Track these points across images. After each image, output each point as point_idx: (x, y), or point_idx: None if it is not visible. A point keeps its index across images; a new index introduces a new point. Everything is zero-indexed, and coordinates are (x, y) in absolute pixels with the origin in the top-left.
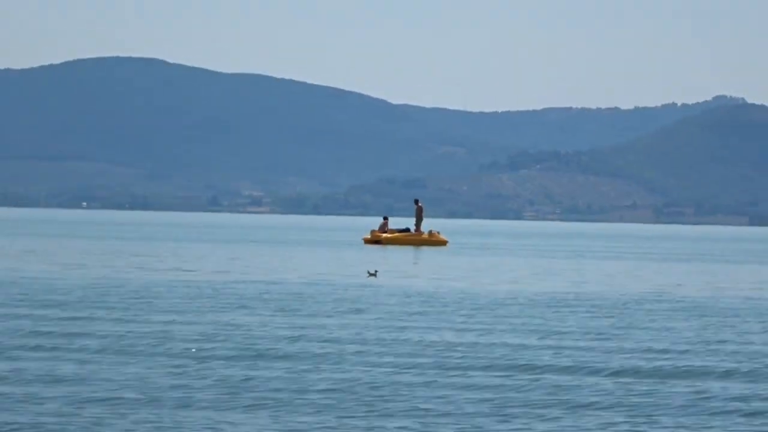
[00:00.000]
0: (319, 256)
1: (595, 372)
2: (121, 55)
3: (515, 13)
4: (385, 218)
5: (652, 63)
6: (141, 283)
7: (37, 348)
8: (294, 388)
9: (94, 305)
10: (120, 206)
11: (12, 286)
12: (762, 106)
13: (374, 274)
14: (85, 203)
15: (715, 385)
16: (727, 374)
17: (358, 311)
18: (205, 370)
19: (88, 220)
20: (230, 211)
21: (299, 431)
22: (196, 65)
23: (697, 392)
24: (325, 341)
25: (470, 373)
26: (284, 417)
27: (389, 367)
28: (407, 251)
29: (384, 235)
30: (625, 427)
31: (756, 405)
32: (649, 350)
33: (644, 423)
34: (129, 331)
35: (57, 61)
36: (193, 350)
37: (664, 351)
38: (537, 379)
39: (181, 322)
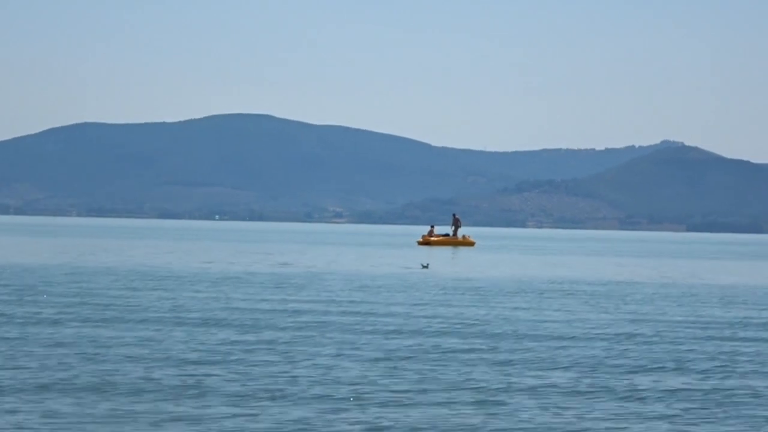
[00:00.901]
0: (389, 254)
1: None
2: (243, 112)
3: (517, 78)
4: (432, 227)
5: (617, 114)
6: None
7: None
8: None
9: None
10: (242, 219)
11: (196, 275)
12: (695, 148)
13: (426, 267)
14: (217, 216)
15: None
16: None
17: (416, 290)
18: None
19: (220, 228)
20: (319, 222)
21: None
22: (295, 119)
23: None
24: (393, 305)
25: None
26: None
27: (438, 324)
28: (448, 250)
29: (432, 238)
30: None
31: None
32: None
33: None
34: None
35: (198, 116)
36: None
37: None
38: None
39: (341, 300)
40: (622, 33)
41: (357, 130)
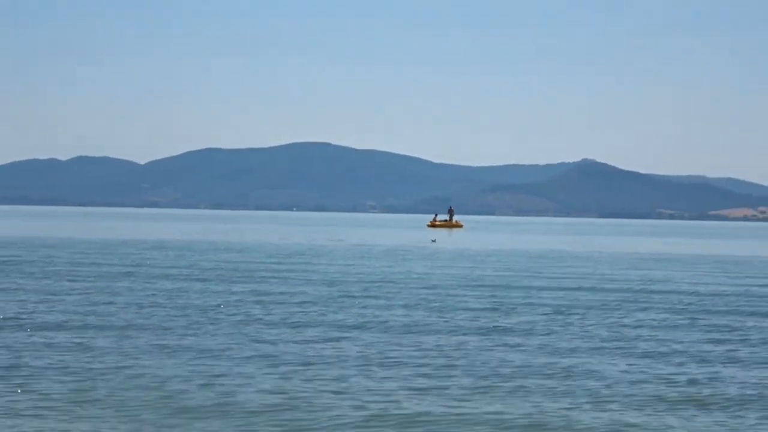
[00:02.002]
0: (405, 233)
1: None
2: (310, 140)
3: (488, 113)
4: (435, 215)
5: (554, 139)
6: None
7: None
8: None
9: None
10: (310, 210)
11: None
12: (604, 163)
13: (434, 241)
14: (294, 208)
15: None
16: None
17: (430, 258)
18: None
19: (299, 216)
20: (360, 212)
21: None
22: (343, 144)
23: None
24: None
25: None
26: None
27: (451, 281)
28: (446, 231)
29: (436, 222)
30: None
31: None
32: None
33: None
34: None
35: (282, 143)
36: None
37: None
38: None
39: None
40: (556, 77)
41: (383, 152)
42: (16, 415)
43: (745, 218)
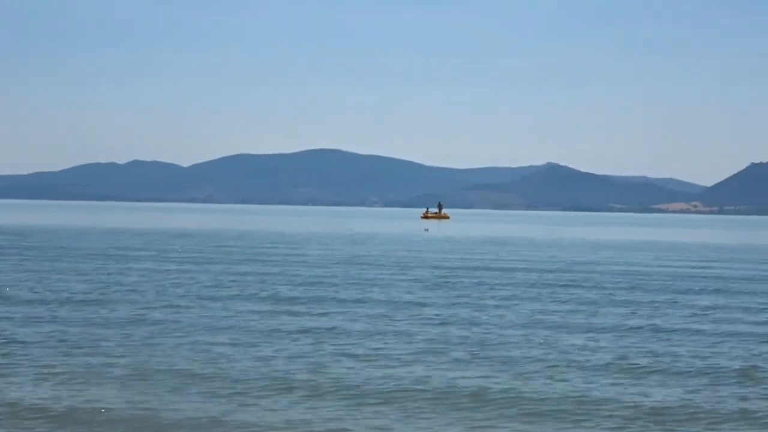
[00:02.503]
0: (403, 223)
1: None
2: (324, 147)
3: (468, 124)
4: (427, 209)
5: (524, 144)
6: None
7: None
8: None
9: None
10: (325, 205)
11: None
12: (565, 166)
13: (427, 230)
14: (310, 203)
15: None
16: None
17: (425, 243)
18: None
19: (315, 210)
20: (365, 206)
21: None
22: (351, 151)
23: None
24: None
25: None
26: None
27: (446, 263)
28: (436, 221)
29: (428, 215)
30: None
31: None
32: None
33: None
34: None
35: (301, 149)
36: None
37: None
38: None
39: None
40: (526, 90)
41: (385, 157)
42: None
43: (681, 211)
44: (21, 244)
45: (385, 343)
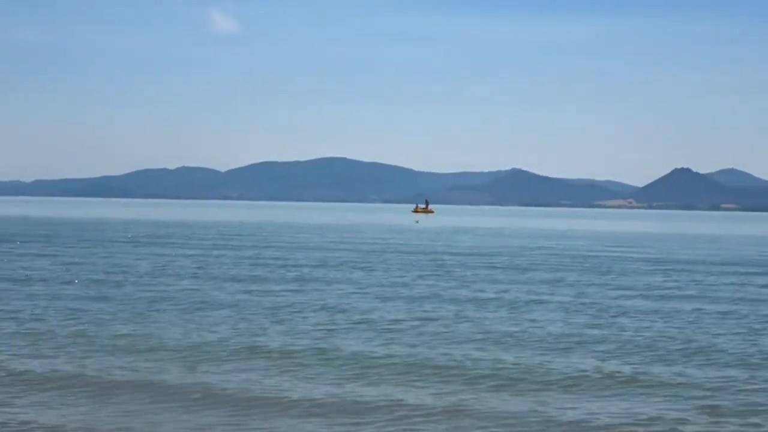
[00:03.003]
0: (397, 216)
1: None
2: (334, 155)
3: (448, 136)
4: (417, 205)
5: (492, 153)
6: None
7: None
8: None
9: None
10: (332, 201)
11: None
12: (526, 171)
13: (417, 222)
14: (319, 202)
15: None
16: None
17: (415, 233)
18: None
19: (325, 206)
20: (366, 203)
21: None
22: (354, 158)
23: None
24: (405, 241)
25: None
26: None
27: (437, 248)
28: (423, 215)
29: (418, 210)
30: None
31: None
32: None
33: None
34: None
35: (312, 158)
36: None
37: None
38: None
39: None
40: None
41: (383, 164)
42: None
43: (619, 206)
44: (103, 235)
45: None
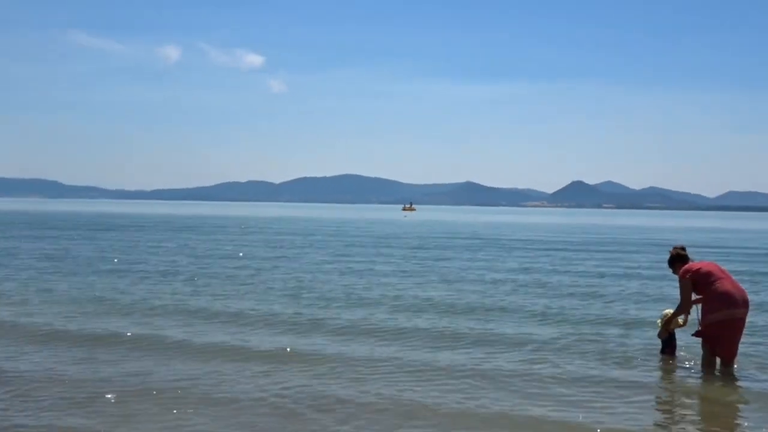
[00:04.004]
0: (391, 213)
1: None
2: (345, 173)
3: (422, 151)
4: (404, 205)
5: (453, 167)
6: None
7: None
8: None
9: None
10: (345, 203)
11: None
12: (477, 183)
13: (405, 216)
14: (337, 205)
15: None
16: None
17: (403, 225)
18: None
19: (338, 206)
20: (370, 203)
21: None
22: (362, 174)
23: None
24: (397, 228)
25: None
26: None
27: (423, 235)
28: (409, 212)
29: (405, 208)
30: None
31: None
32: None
33: None
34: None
35: (335, 174)
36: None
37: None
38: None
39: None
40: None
41: (384, 179)
42: None
43: (536, 206)
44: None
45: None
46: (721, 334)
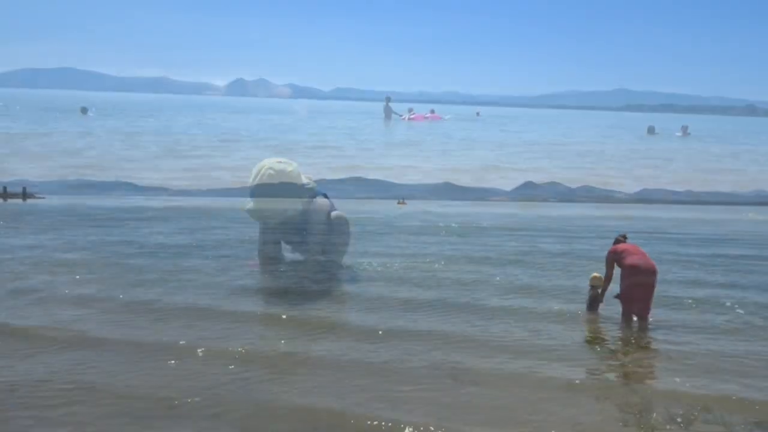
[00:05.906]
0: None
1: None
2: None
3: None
4: (398, 200)
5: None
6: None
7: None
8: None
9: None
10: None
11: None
12: (454, 184)
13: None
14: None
15: None
16: None
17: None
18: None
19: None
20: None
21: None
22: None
23: None
24: (397, 216)
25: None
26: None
27: (419, 227)
28: (403, 205)
29: (400, 202)
30: None
31: None
32: None
33: None
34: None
35: None
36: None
37: None
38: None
39: None
40: None
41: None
42: None
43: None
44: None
45: None
46: (633, 295)
